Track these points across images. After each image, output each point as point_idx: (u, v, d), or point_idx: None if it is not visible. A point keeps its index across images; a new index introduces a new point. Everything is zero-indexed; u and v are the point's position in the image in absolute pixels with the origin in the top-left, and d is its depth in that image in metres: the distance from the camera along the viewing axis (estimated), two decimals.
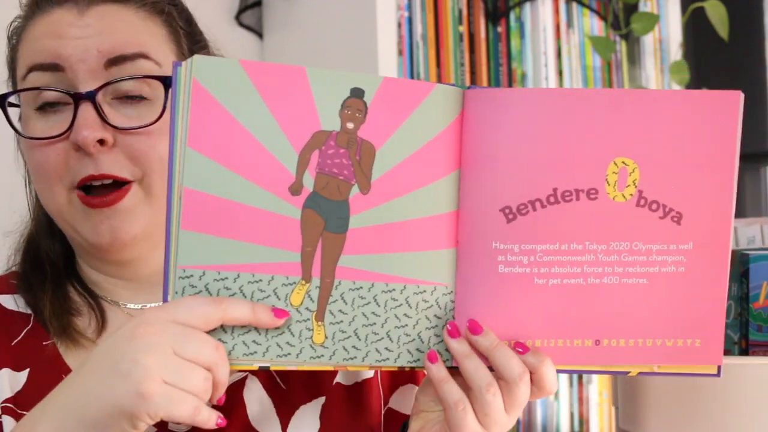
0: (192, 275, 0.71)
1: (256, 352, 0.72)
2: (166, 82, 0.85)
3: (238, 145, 0.71)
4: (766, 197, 2.23)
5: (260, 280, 0.72)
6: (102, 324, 0.90)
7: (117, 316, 0.91)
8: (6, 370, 0.86)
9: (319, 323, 0.74)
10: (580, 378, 1.88)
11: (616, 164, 0.75)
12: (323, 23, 1.70)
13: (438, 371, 0.75)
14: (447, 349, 0.77)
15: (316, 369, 0.75)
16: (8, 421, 0.83)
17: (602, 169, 0.75)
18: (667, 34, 2.02)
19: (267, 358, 0.73)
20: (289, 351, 0.73)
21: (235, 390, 0.88)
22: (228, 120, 0.70)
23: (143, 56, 0.85)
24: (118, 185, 0.84)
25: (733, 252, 1.12)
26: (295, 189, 0.72)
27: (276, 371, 0.89)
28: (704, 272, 0.78)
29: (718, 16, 1.90)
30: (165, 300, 0.71)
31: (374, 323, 0.75)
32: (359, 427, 0.90)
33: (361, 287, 0.74)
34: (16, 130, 0.85)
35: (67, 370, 0.86)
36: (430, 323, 0.77)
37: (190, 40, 0.92)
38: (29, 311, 0.91)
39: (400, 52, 1.61)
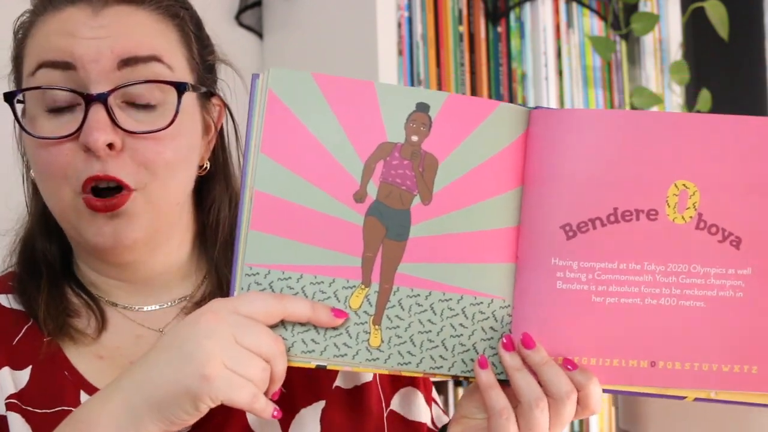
0: (258, 273, 0.75)
1: (313, 351, 0.76)
2: (180, 88, 0.85)
3: (308, 152, 0.75)
4: None
5: (322, 282, 0.75)
6: (102, 323, 0.90)
7: (115, 317, 0.91)
8: (6, 369, 0.86)
9: (377, 327, 0.76)
10: None
11: (677, 186, 0.77)
12: (323, 23, 1.70)
13: (487, 377, 0.77)
14: (501, 362, 0.78)
15: (370, 371, 0.78)
16: (13, 417, 0.83)
17: (663, 191, 0.76)
18: (667, 34, 2.02)
19: (324, 357, 0.76)
20: (346, 352, 0.76)
21: None
22: (299, 129, 0.75)
23: (156, 59, 0.85)
24: (121, 189, 0.84)
25: None
26: (360, 196, 0.75)
27: None
28: (763, 299, 0.78)
29: (718, 16, 1.90)
30: (231, 294, 0.75)
31: (430, 331, 0.77)
32: (360, 430, 0.90)
33: (419, 295, 0.77)
34: (24, 129, 0.84)
35: (69, 366, 0.86)
36: (486, 335, 0.78)
37: (200, 44, 0.92)
38: (27, 311, 0.90)
39: (400, 52, 1.61)
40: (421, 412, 0.95)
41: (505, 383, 0.78)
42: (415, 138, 0.75)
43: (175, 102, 0.85)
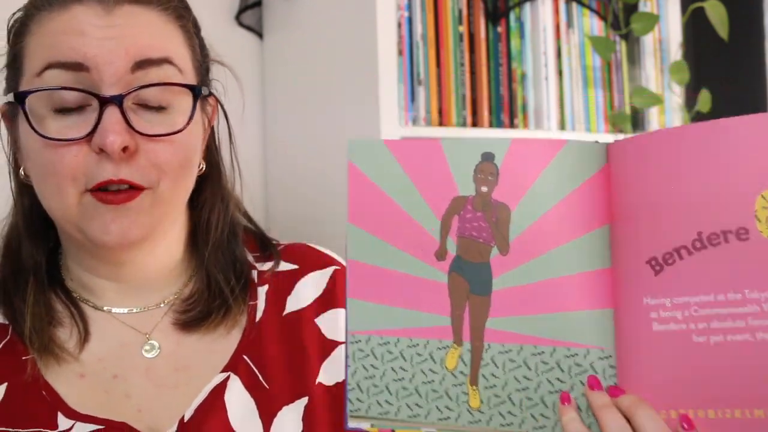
0: (360, 340, 0.76)
1: (418, 415, 0.76)
2: (196, 92, 0.85)
3: (389, 216, 0.76)
4: None
5: (417, 344, 0.76)
6: (85, 334, 0.88)
7: (100, 323, 0.90)
8: None
9: (474, 387, 0.75)
10: None
11: (764, 198, 0.68)
12: (323, 23, 1.70)
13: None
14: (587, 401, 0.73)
15: None
16: None
17: (749, 205, 0.67)
18: (667, 34, 2.02)
19: (429, 422, 0.75)
20: (449, 415, 0.75)
21: (217, 393, 0.87)
22: (379, 195, 0.76)
23: (168, 61, 0.84)
24: (132, 187, 0.83)
25: None
26: (441, 254, 0.75)
27: (258, 369, 0.89)
28: None
29: (718, 16, 1.90)
30: (346, 365, 0.76)
31: (527, 387, 0.74)
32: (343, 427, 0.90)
33: (510, 350, 0.74)
34: (35, 130, 0.82)
35: (47, 387, 0.85)
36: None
37: (201, 45, 0.92)
38: (7, 322, 0.89)
39: (400, 52, 1.61)
40: None
41: None
42: (484, 189, 0.74)
43: (184, 104, 0.84)
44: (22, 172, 0.88)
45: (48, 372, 0.86)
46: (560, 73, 1.84)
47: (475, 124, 1.72)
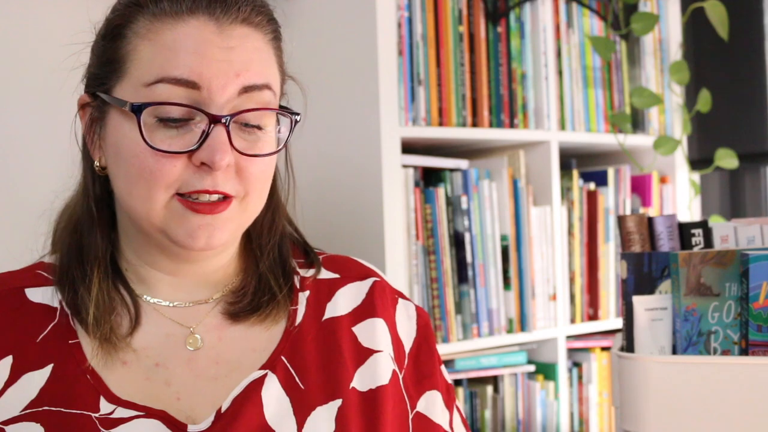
0: None
1: None
2: (295, 118, 0.91)
3: None
4: (766, 197, 2.23)
5: None
6: (136, 321, 0.92)
7: (148, 314, 0.93)
8: (27, 375, 0.88)
9: None
10: (579, 378, 1.88)
11: None
12: (323, 23, 1.70)
13: None
14: None
15: None
16: (32, 427, 0.85)
17: None
18: (667, 34, 2.02)
19: None
20: None
21: (254, 388, 0.90)
22: None
23: (268, 87, 0.89)
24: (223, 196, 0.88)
25: (733, 252, 1.12)
26: None
27: (294, 370, 0.92)
28: None
29: (717, 16, 1.90)
30: None
31: None
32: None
33: None
34: (146, 142, 0.84)
35: (91, 371, 0.88)
36: None
37: (284, 63, 0.96)
38: (56, 305, 0.92)
39: (400, 52, 1.61)
40: (440, 414, 0.98)
41: None
42: None
43: (274, 125, 0.91)
44: (97, 163, 0.91)
45: (93, 357, 0.89)
46: (560, 73, 1.84)
47: (475, 124, 1.72)
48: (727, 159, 1.98)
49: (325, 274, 1.01)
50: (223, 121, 0.85)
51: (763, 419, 1.05)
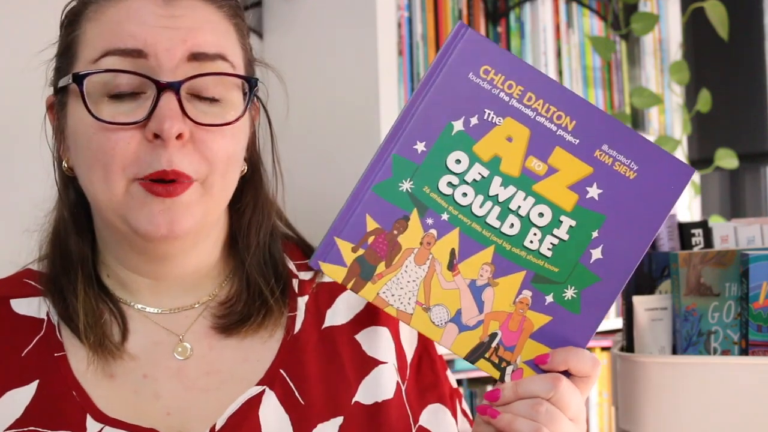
0: None
1: None
2: (251, 83, 0.86)
3: None
4: (766, 197, 2.23)
5: None
6: (125, 331, 0.88)
7: (135, 322, 0.89)
8: (11, 393, 0.84)
9: None
10: None
11: None
12: (323, 23, 1.70)
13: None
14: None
15: None
16: None
17: None
18: (667, 34, 2.02)
19: None
20: None
21: (251, 406, 0.85)
22: None
23: (222, 57, 0.85)
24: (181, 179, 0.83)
25: (733, 252, 1.12)
26: None
27: (294, 384, 0.88)
28: None
29: (717, 16, 1.90)
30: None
31: None
32: None
33: None
34: (90, 113, 0.81)
35: (77, 386, 0.85)
36: None
37: (250, 47, 0.93)
38: (42, 316, 0.89)
39: (400, 52, 1.61)
40: (449, 427, 0.93)
41: None
42: None
43: (235, 99, 0.85)
44: (65, 164, 0.88)
45: (78, 371, 0.86)
46: (560, 73, 1.84)
47: None
48: (727, 159, 1.98)
49: (326, 277, 0.94)
50: (173, 86, 0.80)
51: (763, 419, 1.05)
